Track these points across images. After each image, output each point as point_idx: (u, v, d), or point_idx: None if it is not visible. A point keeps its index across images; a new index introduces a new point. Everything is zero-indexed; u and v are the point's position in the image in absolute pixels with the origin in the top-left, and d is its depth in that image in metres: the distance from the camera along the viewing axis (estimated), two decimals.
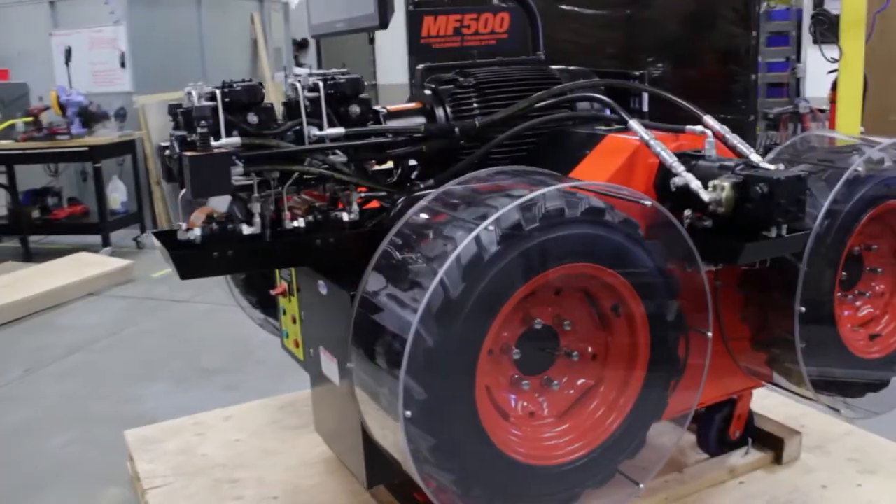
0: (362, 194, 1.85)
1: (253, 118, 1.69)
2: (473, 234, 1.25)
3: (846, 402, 1.99)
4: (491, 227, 1.27)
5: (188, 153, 1.57)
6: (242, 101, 1.68)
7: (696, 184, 1.54)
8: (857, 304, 1.96)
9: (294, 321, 2.12)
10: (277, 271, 2.15)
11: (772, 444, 2.28)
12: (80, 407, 3.45)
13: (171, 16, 8.83)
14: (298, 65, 13.29)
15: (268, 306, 2.49)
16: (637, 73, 2.13)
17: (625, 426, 1.50)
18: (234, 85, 1.70)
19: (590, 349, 1.52)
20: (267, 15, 11.30)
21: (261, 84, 1.75)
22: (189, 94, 1.70)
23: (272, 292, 2.16)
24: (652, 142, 1.64)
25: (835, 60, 3.44)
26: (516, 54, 2.12)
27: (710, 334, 1.56)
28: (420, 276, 1.30)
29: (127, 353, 4.17)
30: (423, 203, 1.46)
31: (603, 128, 1.93)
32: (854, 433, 2.46)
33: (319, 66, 14.24)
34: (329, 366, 1.84)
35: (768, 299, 1.77)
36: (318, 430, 2.14)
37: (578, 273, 1.40)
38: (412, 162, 1.96)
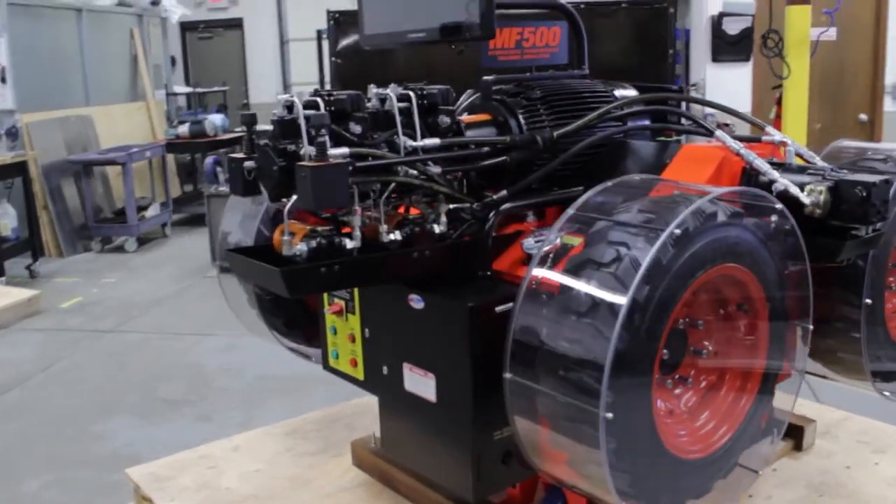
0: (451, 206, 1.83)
1: (356, 128, 1.65)
2: (664, 235, 1.29)
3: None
4: (678, 231, 1.31)
5: (308, 164, 1.51)
6: (347, 109, 1.64)
7: (794, 189, 1.65)
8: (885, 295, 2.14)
9: (353, 340, 2.06)
10: None
11: (790, 432, 2.44)
12: (43, 447, 3.17)
13: (52, 29, 8.29)
14: None
15: (293, 327, 2.41)
16: (675, 88, 2.24)
17: (749, 415, 1.58)
18: (334, 93, 1.66)
19: (715, 345, 1.59)
20: (146, 30, 10.83)
21: (362, 93, 1.70)
22: (287, 102, 1.63)
23: (326, 311, 2.09)
24: (743, 151, 1.74)
25: (778, 77, 3.74)
26: (563, 69, 2.18)
27: (811, 326, 1.67)
28: (600, 281, 1.32)
29: (69, 388, 3.87)
30: (570, 212, 1.48)
31: (664, 138, 2.03)
32: (851, 418, 2.67)
33: (188, 85, 13.76)
34: (420, 382, 1.80)
35: (828, 294, 1.91)
36: (386, 448, 2.09)
37: (724, 274, 1.47)
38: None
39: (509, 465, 1.75)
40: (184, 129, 9.98)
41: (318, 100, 1.63)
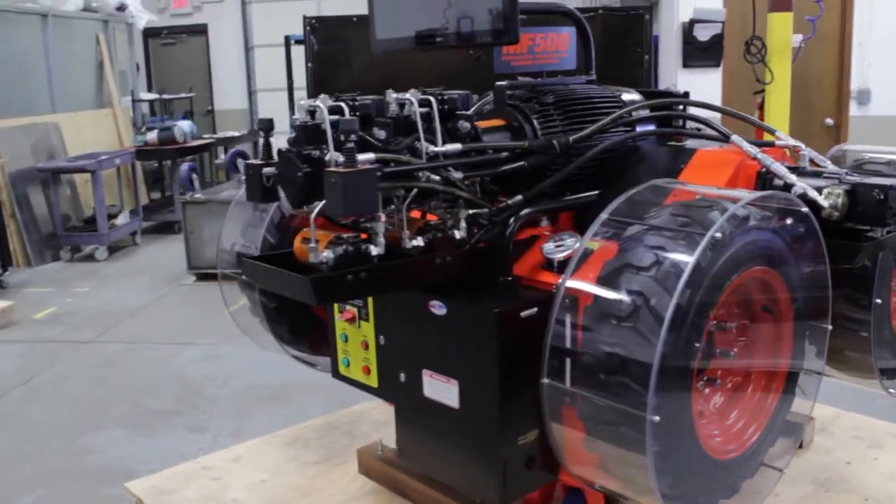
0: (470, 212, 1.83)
1: (380, 133, 1.64)
2: (706, 239, 1.30)
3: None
4: (718, 234, 1.32)
5: (338, 170, 1.49)
6: (371, 114, 1.63)
7: (813, 192, 1.68)
8: None
9: (366, 347, 2.04)
10: None
11: None
12: (31, 462, 3.08)
13: (17, 35, 8.10)
14: None
15: (298, 335, 2.38)
16: (680, 93, 2.26)
17: (775, 414, 1.61)
18: (358, 98, 1.65)
19: (742, 346, 1.61)
20: (112, 36, 10.66)
21: (384, 98, 1.69)
22: (314, 107, 1.61)
23: (338, 318, 2.07)
24: (760, 155, 1.77)
25: (761, 82, 3.81)
26: (570, 74, 2.20)
27: (829, 327, 1.70)
28: (642, 286, 1.33)
29: (52, 401, 3.77)
30: (603, 217, 1.48)
31: (673, 143, 2.06)
32: (843, 415, 2.73)
33: (150, 91, 13.55)
34: (441, 388, 1.79)
35: (836, 294, 1.94)
36: (402, 456, 2.07)
37: (754, 276, 1.49)
38: None
39: (532, 470, 1.75)
40: (152, 136, 9.84)
41: (343, 105, 1.61)
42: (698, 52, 7.19)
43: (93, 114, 9.84)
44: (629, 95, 2.23)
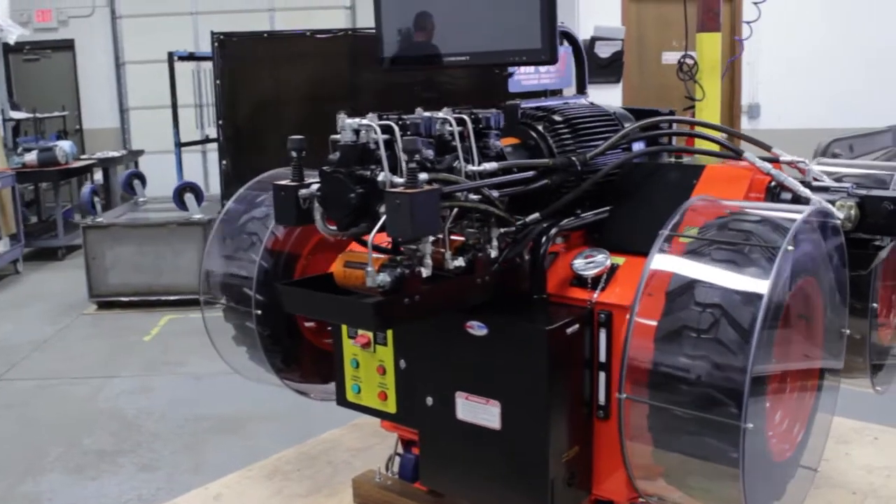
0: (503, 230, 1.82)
1: (429, 153, 1.61)
2: (781, 251, 1.36)
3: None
4: (791, 247, 1.38)
5: (404, 191, 1.45)
6: (422, 134, 1.60)
7: (827, 205, 1.79)
8: None
9: (382, 372, 1.98)
10: None
11: None
12: None
13: None
14: None
15: (290, 362, 2.29)
16: (666, 111, 2.35)
17: (811, 413, 1.69)
18: (405, 117, 1.61)
19: (789, 352, 1.68)
20: None
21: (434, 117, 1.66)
22: (357, 127, 1.56)
23: (353, 342, 2.00)
24: (774, 171, 1.86)
25: (691, 99, 4.00)
26: (560, 93, 2.24)
27: (847, 331, 1.80)
28: (721, 298, 1.36)
29: None
30: (664, 233, 1.52)
31: (672, 160, 2.14)
32: None
33: (13, 109, 12.66)
34: (479, 410, 1.77)
35: None
36: (428, 482, 2.02)
37: (803, 286, 1.56)
38: None
39: (573, 486, 1.76)
40: (31, 157, 9.19)
41: (392, 124, 1.57)
42: (599, 69, 7.45)
43: None
44: (621, 113, 2.30)
